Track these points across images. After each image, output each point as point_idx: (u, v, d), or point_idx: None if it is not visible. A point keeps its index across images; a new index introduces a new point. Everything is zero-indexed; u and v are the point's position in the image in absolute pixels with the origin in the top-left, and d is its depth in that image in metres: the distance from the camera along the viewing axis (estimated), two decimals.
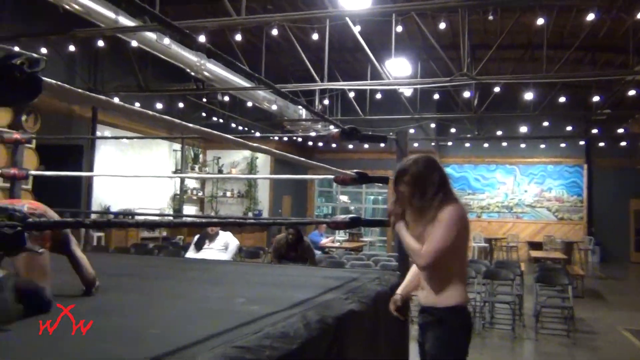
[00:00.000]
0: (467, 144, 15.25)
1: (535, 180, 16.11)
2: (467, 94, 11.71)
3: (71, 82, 10.17)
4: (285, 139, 14.73)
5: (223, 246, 6.07)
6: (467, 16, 7.78)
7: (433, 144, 15.29)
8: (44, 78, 1.37)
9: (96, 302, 2.49)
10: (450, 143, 15.25)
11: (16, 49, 1.31)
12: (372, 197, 18.78)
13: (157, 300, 2.63)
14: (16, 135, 4.80)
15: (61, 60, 9.76)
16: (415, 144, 14.93)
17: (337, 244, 10.01)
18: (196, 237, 6.32)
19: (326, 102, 11.92)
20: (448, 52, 11.13)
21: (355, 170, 4.03)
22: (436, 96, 12.34)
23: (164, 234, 11.89)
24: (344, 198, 18.74)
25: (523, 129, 14.36)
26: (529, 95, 11.18)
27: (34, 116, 8.77)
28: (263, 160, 14.62)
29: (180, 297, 2.75)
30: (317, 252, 8.94)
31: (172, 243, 9.69)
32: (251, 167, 14.52)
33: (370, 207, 18.55)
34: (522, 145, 15.41)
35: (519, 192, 16.20)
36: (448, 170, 16.22)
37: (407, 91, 11.19)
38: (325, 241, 9.47)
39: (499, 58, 10.67)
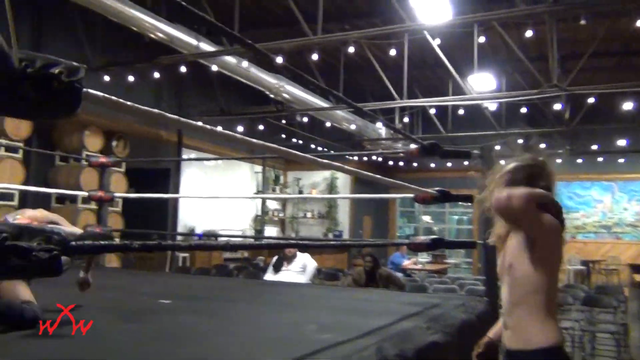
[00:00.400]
0: (559, 160, 14.34)
1: (636, 197, 14.87)
2: (557, 107, 11.04)
3: (158, 108, 10.61)
4: (365, 158, 14.54)
5: (301, 268, 5.97)
6: (556, 23, 7.30)
7: None
8: (89, 90, 1.29)
9: (162, 324, 2.42)
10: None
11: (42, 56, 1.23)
12: (456, 217, 18.12)
13: (226, 325, 2.53)
14: (102, 159, 4.98)
15: (147, 87, 10.21)
16: (502, 161, 14.28)
17: (419, 266, 9.64)
18: (274, 258, 6.27)
19: (406, 119, 11.64)
20: (535, 64, 10.59)
21: (437, 189, 3.79)
22: (523, 110, 11.71)
23: (246, 254, 12.02)
24: (426, 218, 18.22)
25: (621, 143, 13.31)
26: (627, 106, 10.33)
27: (124, 142, 9.19)
28: (343, 181, 14.52)
29: (250, 322, 2.63)
30: (399, 274, 8.64)
31: (252, 264, 9.74)
32: (331, 187, 14.46)
33: (454, 228, 17.91)
34: (621, 160, 14.29)
35: (617, 211, 15.00)
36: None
37: (492, 106, 10.69)
38: (407, 263, 9.15)
39: (591, 67, 9.97)
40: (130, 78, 8.11)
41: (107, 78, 7.82)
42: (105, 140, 8.81)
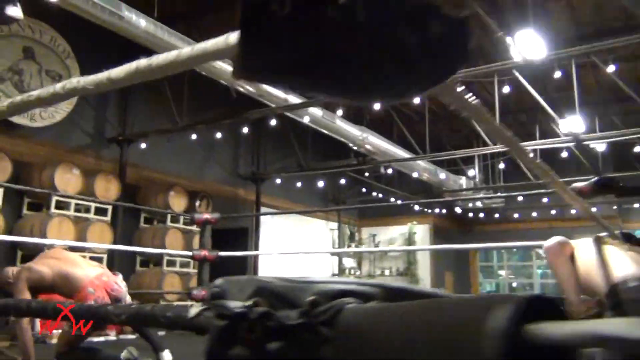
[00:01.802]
0: None
1: None
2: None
3: (235, 167, 10.50)
4: (444, 211, 13.90)
5: None
6: None
7: (616, 207, 13.49)
8: None
9: None
10: (637, 205, 13.34)
11: None
12: (540, 271, 16.94)
13: None
14: (206, 216, 4.67)
15: (227, 145, 10.13)
16: (594, 209, 13.32)
17: None
18: None
19: (502, 165, 11.03)
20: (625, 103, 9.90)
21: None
22: (601, 149, 10.79)
23: None
24: (503, 273, 17.13)
25: None
26: None
27: (206, 201, 9.01)
28: (422, 235, 13.87)
29: None
30: None
31: None
32: (409, 242, 13.80)
33: (539, 282, 16.69)
34: None
35: None
36: None
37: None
38: None
39: None
40: (218, 135, 7.98)
41: (194, 136, 7.71)
42: (189, 200, 8.65)
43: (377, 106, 9.44)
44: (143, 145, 8.10)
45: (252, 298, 0.71)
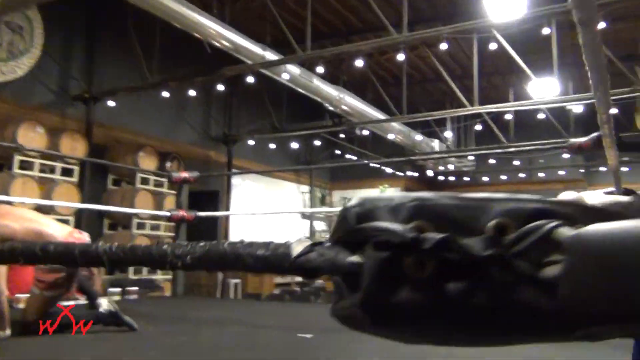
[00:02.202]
0: (625, 168, 13.52)
1: None
2: (615, 111, 10.31)
3: (206, 128, 10.19)
4: (416, 174, 13.92)
5: None
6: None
7: (582, 170, 13.75)
8: None
9: None
10: (603, 168, 13.61)
11: None
12: None
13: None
14: (184, 175, 4.46)
15: (200, 106, 9.79)
16: (561, 172, 13.54)
17: None
18: None
19: (478, 127, 11.00)
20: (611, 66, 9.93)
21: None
22: (579, 110, 10.83)
23: (297, 278, 11.39)
24: None
25: None
26: None
27: (177, 163, 8.72)
28: None
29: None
30: None
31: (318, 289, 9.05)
32: None
33: None
34: None
35: None
36: None
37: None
38: None
39: None
40: (190, 93, 7.67)
41: (165, 94, 7.38)
42: (159, 161, 8.35)
43: (355, 66, 9.25)
44: (111, 104, 7.72)
45: (412, 221, 0.53)
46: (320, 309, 4.25)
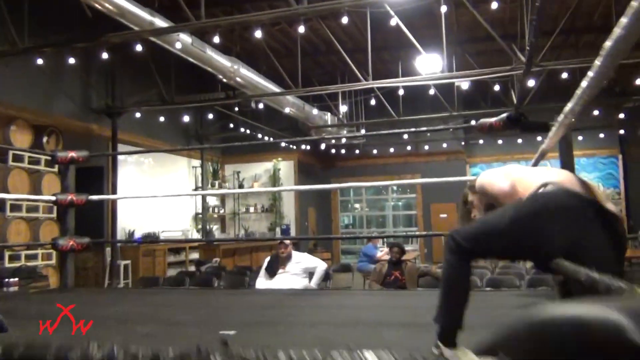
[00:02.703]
0: (500, 141, 14.53)
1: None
2: (497, 88, 11.00)
3: (87, 99, 9.37)
4: (308, 147, 13.94)
5: (301, 270, 5.27)
6: None
7: (463, 143, 14.57)
8: None
9: None
10: (481, 141, 14.53)
11: None
12: (391, 204, 17.93)
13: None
14: (72, 154, 4.00)
15: (78, 75, 8.96)
16: (444, 145, 14.25)
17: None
18: (266, 260, 5.52)
19: (373, 102, 11.13)
20: (492, 43, 10.52)
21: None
22: (465, 87, 11.39)
23: (195, 256, 11.03)
24: (358, 206, 17.86)
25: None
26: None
27: (55, 137, 7.94)
28: (286, 172, 13.82)
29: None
30: (372, 266, 8.16)
31: (214, 268, 8.72)
32: (274, 179, 13.70)
33: (390, 214, 17.68)
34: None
35: None
36: (476, 170, 15.59)
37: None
38: (380, 254, 8.68)
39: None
40: (69, 61, 6.94)
41: (39, 62, 6.62)
42: (34, 136, 7.54)
43: (248, 37, 8.92)
44: None
45: None
46: (230, 297, 4.07)
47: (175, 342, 2.18)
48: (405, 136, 13.45)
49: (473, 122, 12.06)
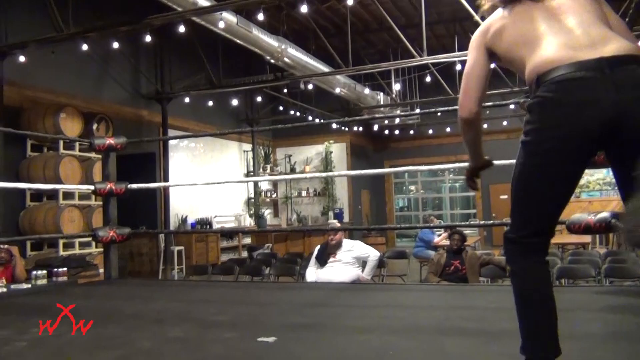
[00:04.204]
0: None
1: None
2: None
3: (137, 85, 9.33)
4: (360, 129, 13.55)
5: (353, 258, 4.97)
6: None
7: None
8: None
9: None
10: None
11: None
12: (448, 186, 17.27)
13: None
14: (109, 141, 3.82)
15: (127, 60, 8.91)
16: (504, 122, 13.49)
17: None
18: (316, 249, 5.25)
19: (428, 79, 10.59)
20: None
21: None
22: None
23: (247, 241, 10.94)
24: (413, 188, 17.32)
25: None
26: None
27: (105, 124, 7.92)
28: (339, 154, 13.50)
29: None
30: (430, 252, 7.76)
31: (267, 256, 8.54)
32: (326, 162, 13.40)
33: (447, 197, 17.06)
34: None
35: None
36: None
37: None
38: (438, 240, 8.26)
39: None
40: (114, 46, 6.84)
41: (85, 47, 6.53)
42: (84, 123, 7.52)
43: (294, 15, 8.59)
44: (22, 59, 6.79)
45: None
46: (275, 292, 3.81)
47: (203, 349, 1.92)
48: None
49: None
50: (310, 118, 11.98)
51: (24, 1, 6.99)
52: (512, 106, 12.65)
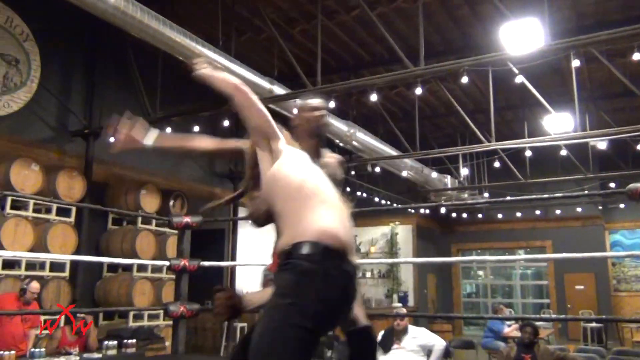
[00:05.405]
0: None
1: None
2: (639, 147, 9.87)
3: (211, 164, 9.83)
4: (427, 211, 13.44)
5: (418, 347, 4.83)
6: None
7: (600, 207, 13.24)
8: None
9: None
10: (622, 205, 13.09)
11: None
12: (519, 272, 16.53)
13: None
14: (187, 219, 4.04)
15: None
16: (579, 209, 12.99)
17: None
18: (380, 333, 5.15)
19: (497, 164, 10.56)
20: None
21: None
22: (602, 147, 10.33)
23: None
24: (481, 273, 16.68)
25: None
26: None
27: (181, 200, 8.33)
28: (404, 236, 13.38)
29: None
30: (500, 344, 7.39)
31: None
32: (392, 244, 13.30)
33: (518, 284, 16.30)
34: None
35: None
36: (616, 237, 14.00)
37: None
38: (508, 330, 7.88)
39: None
40: (196, 129, 7.34)
41: (168, 130, 7.04)
42: (162, 199, 7.96)
43: (364, 101, 8.91)
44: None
45: None
46: None
47: None
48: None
49: (612, 185, 10.89)
50: (377, 200, 12.06)
51: (119, 89, 7.68)
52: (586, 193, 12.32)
